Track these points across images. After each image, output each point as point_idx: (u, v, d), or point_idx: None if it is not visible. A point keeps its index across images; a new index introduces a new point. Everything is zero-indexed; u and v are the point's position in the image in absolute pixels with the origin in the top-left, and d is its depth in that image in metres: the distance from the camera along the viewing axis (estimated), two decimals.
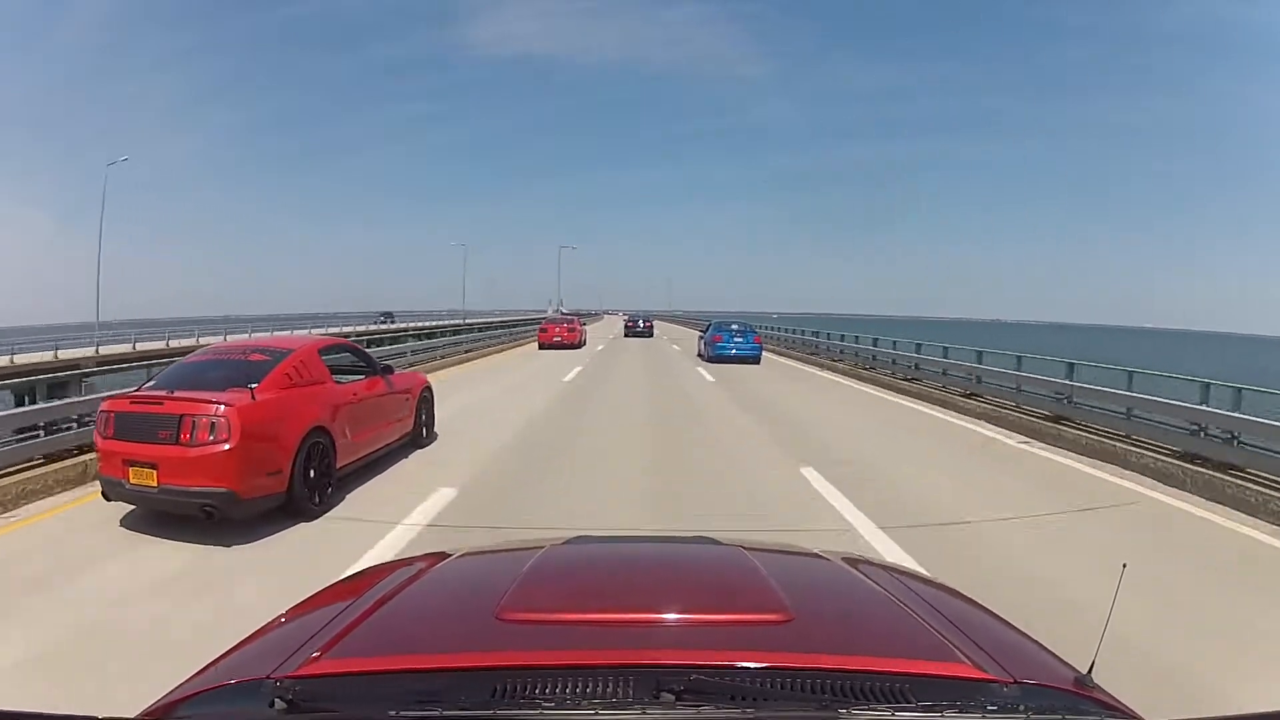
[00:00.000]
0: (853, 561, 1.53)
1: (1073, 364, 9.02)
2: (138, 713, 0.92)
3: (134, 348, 24.39)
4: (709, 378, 14.73)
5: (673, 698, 0.84)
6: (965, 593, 1.43)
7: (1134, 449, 6.92)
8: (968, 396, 10.86)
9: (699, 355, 20.31)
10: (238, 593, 3.49)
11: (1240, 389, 6.47)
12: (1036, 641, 1.15)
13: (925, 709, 0.85)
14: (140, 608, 3.33)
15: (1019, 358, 10.30)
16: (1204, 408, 6.57)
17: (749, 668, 0.92)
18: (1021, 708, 0.87)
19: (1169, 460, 6.42)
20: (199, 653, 1.18)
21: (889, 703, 0.86)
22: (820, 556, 1.56)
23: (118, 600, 3.41)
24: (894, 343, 15.64)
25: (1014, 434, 8.63)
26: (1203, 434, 6.46)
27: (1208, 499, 5.62)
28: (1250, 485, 5.49)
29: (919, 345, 14.10)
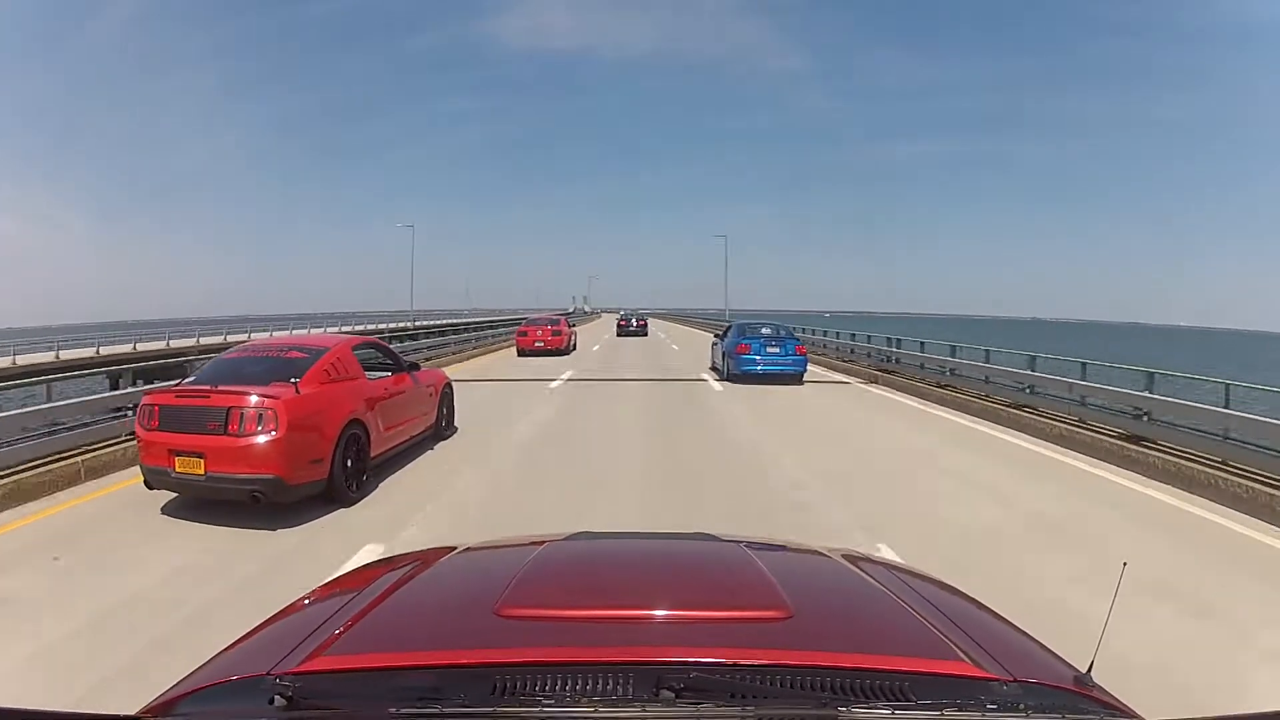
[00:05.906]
0: (853, 559, 1.51)
1: None
2: (138, 709, 0.93)
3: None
4: None
5: (672, 695, 0.84)
6: (967, 591, 1.41)
7: None
8: None
9: (712, 368, 14.96)
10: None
11: None
12: (1036, 640, 1.15)
13: (925, 707, 0.85)
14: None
15: None
16: None
17: (749, 665, 0.91)
18: (1021, 706, 0.87)
19: None
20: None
21: (889, 701, 0.86)
22: (820, 553, 1.54)
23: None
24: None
25: None
26: None
27: None
28: None
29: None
